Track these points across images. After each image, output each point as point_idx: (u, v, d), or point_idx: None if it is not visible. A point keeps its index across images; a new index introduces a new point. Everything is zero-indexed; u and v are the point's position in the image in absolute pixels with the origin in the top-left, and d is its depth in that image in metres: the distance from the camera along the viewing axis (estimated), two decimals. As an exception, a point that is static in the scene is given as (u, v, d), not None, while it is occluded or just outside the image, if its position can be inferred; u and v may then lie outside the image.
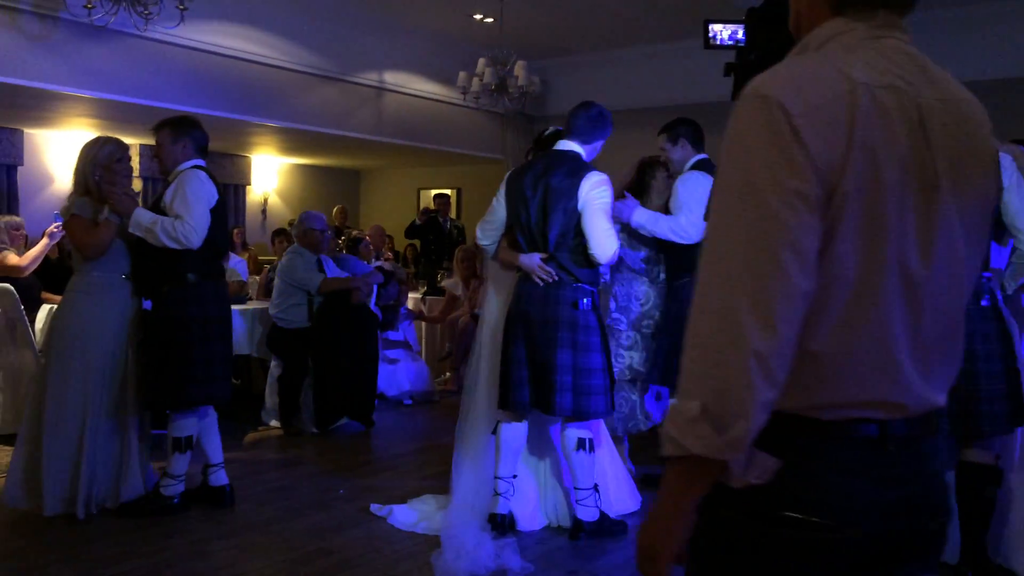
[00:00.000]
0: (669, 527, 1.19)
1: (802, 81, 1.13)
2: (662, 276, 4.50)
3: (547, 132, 4.12)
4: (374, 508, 4.02)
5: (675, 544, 1.19)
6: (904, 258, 1.15)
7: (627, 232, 4.43)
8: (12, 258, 5.56)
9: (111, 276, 3.92)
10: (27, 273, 5.55)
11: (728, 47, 1.49)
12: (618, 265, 4.40)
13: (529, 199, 3.68)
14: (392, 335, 6.90)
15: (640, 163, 5.02)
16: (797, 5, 1.30)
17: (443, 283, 8.00)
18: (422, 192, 12.91)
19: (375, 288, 6.35)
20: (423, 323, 7.84)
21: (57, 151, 9.91)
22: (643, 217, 4.29)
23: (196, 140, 3.99)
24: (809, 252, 1.10)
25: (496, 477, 3.76)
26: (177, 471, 3.98)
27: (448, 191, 11.42)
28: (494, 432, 3.79)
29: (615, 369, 4.35)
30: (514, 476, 3.78)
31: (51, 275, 6.50)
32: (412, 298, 7.92)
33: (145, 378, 3.90)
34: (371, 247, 7.73)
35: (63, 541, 3.63)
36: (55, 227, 5.54)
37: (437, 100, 10.00)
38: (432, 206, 10.21)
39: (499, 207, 3.85)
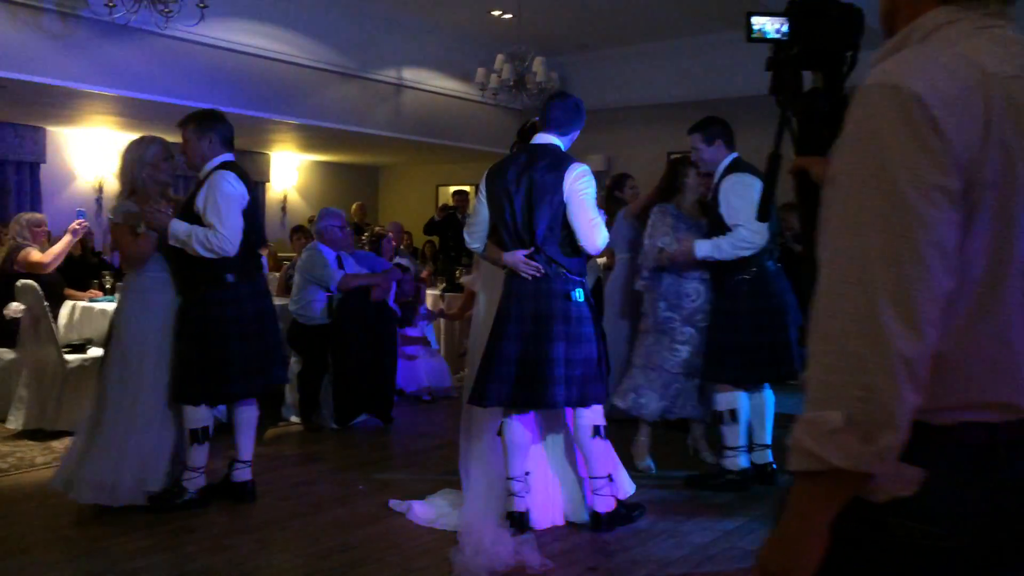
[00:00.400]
0: (802, 549, 1.10)
1: (933, 70, 1.07)
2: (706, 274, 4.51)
3: (528, 124, 4.10)
4: (393, 504, 4.03)
5: (810, 568, 1.11)
6: None
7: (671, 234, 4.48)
8: (35, 255, 5.62)
9: (160, 275, 3.98)
10: (50, 270, 5.61)
11: (771, 41, 1.48)
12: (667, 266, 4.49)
13: (513, 194, 3.63)
14: (410, 331, 6.91)
15: (671, 163, 5.02)
16: None
17: (462, 279, 8.01)
18: (441, 188, 12.93)
19: (393, 285, 6.36)
20: (442, 320, 7.85)
21: (79, 149, 10.00)
22: (706, 249, 4.27)
23: (221, 134, 3.99)
24: (951, 249, 1.05)
25: (508, 477, 3.73)
26: (196, 463, 3.99)
27: (467, 188, 11.42)
28: (499, 433, 3.77)
29: (671, 363, 4.48)
30: (527, 473, 3.77)
31: (74, 272, 6.57)
32: (431, 295, 7.93)
33: (178, 374, 3.92)
34: (393, 244, 7.75)
35: (86, 535, 3.67)
36: (77, 224, 5.59)
37: (456, 96, 10.01)
38: (451, 202, 10.22)
39: (481, 207, 3.79)
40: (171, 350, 3.95)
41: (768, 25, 1.63)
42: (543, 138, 3.73)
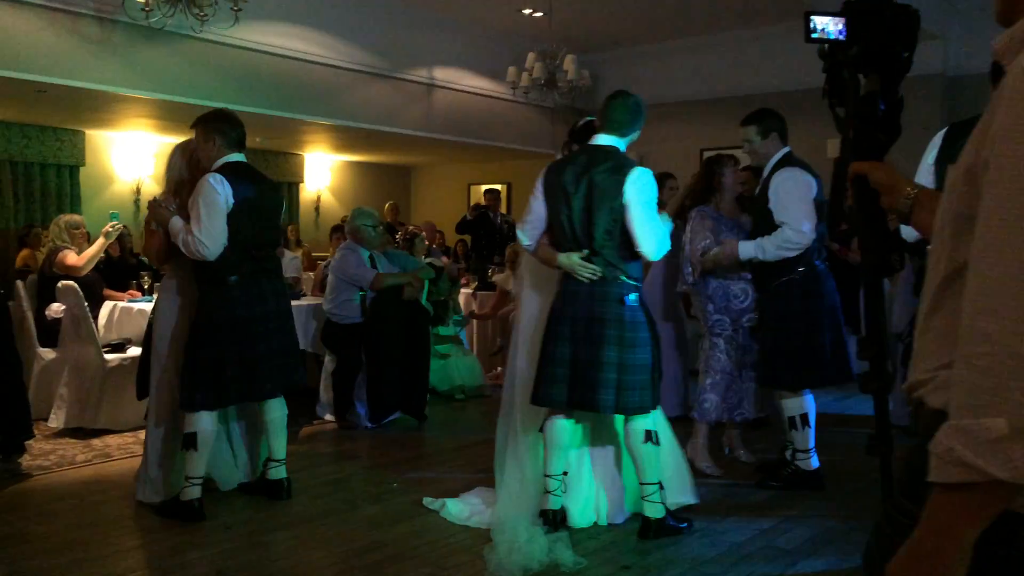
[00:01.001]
0: (944, 567, 1.02)
1: None
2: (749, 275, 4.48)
3: (580, 124, 4.05)
4: (427, 502, 4.05)
5: None
6: None
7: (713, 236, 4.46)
8: (71, 257, 5.71)
9: (189, 275, 4.02)
10: (83, 272, 5.68)
11: (830, 41, 1.45)
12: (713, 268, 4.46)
13: (571, 196, 3.60)
14: (443, 330, 6.93)
15: (707, 162, 4.97)
16: None
17: (494, 278, 8.01)
18: (472, 187, 12.94)
19: (426, 283, 6.38)
20: (472, 325, 7.87)
21: (118, 151, 10.16)
22: (749, 251, 4.22)
23: (226, 134, 3.94)
24: None
25: (546, 475, 3.74)
26: (191, 472, 3.86)
27: (498, 186, 11.42)
28: (541, 430, 3.77)
29: (725, 365, 4.48)
30: (564, 473, 3.76)
31: (113, 272, 6.68)
32: (463, 293, 7.94)
33: (180, 378, 3.91)
34: (426, 242, 7.78)
35: (126, 531, 3.73)
36: (110, 226, 5.66)
37: (487, 95, 10.02)
38: (483, 201, 10.23)
39: (537, 204, 3.76)
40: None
41: (831, 25, 1.58)
42: (602, 139, 3.67)
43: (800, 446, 4.31)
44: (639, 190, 3.52)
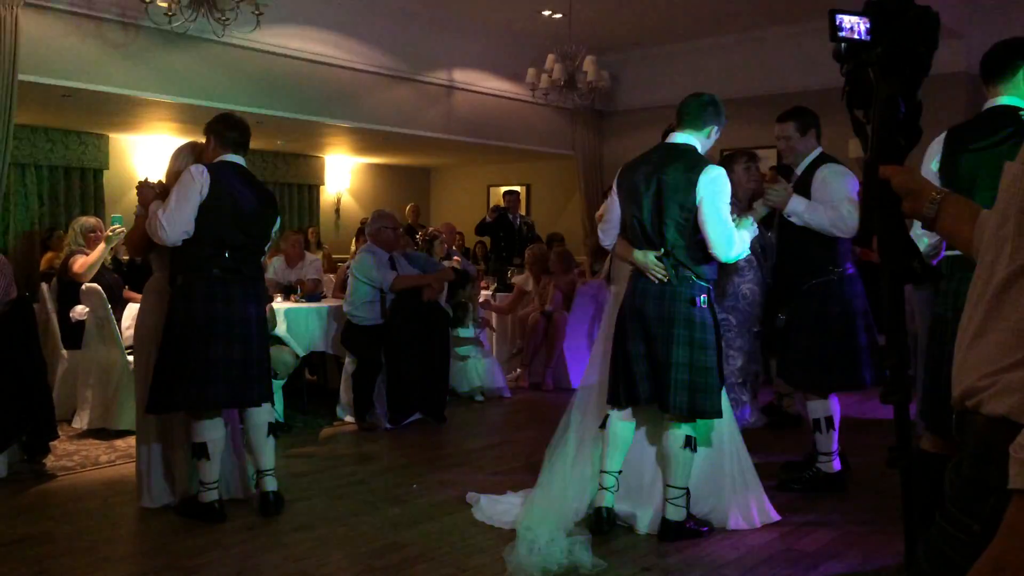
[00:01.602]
0: None
1: None
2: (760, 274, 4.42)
3: (669, 126, 3.96)
4: (470, 497, 4.08)
5: None
6: None
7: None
8: (77, 263, 5.67)
9: (166, 273, 3.98)
10: (87, 279, 5.62)
11: (855, 41, 1.43)
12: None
13: (642, 195, 3.57)
14: (462, 332, 6.94)
15: (722, 159, 4.94)
16: None
17: (514, 279, 8.02)
18: (492, 189, 12.97)
19: (446, 285, 6.40)
20: (493, 319, 7.87)
21: (141, 155, 10.26)
22: (800, 206, 4.08)
23: (221, 136, 3.91)
24: None
25: (602, 471, 3.72)
26: (204, 478, 3.83)
27: (518, 187, 11.44)
28: (602, 427, 3.76)
29: (726, 370, 4.32)
30: (619, 472, 3.75)
31: (135, 274, 6.73)
32: (483, 295, 7.96)
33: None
34: (445, 244, 7.80)
35: (149, 531, 3.76)
36: (111, 230, 5.68)
37: (506, 97, 10.03)
38: (502, 203, 10.24)
39: (613, 204, 3.73)
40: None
41: (859, 24, 1.56)
42: (678, 137, 3.63)
43: (823, 449, 4.28)
44: (711, 190, 3.45)
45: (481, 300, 7.49)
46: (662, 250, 3.55)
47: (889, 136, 1.53)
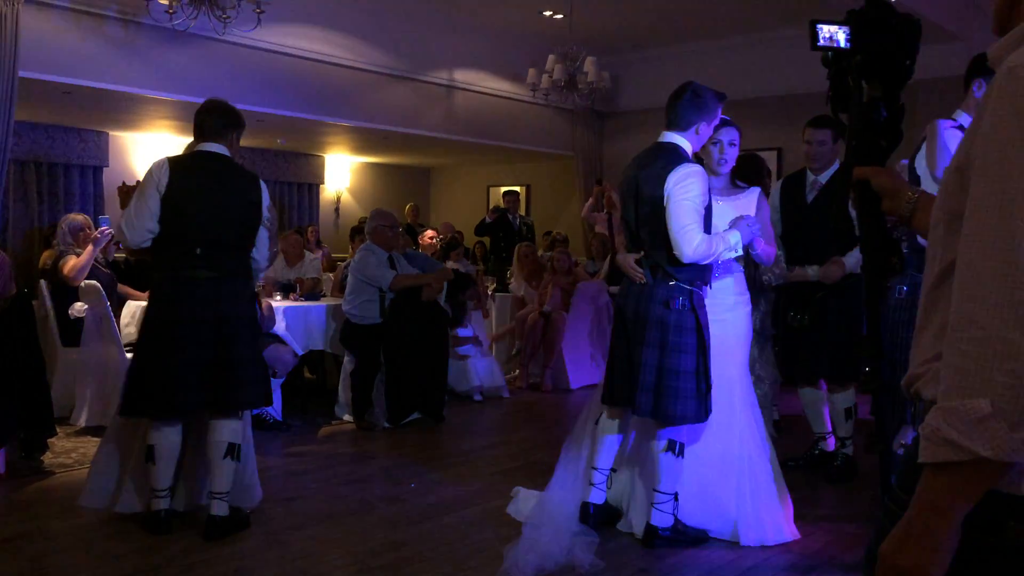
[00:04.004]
0: (938, 544, 1.07)
1: None
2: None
3: None
4: (518, 490, 4.09)
5: (945, 564, 1.08)
6: None
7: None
8: (67, 267, 5.58)
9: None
10: (78, 282, 5.56)
11: (835, 49, 1.46)
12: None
13: (626, 195, 3.60)
14: (461, 331, 6.94)
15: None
16: None
17: (510, 285, 8.03)
18: (492, 189, 12.97)
19: (445, 285, 6.40)
20: (492, 318, 7.87)
21: (141, 153, 10.25)
22: (851, 260, 4.28)
23: (197, 124, 3.75)
24: None
25: (592, 467, 3.73)
26: (153, 484, 3.61)
27: (518, 188, 11.44)
28: (598, 423, 3.78)
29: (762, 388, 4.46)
30: (613, 470, 3.75)
31: (135, 272, 6.72)
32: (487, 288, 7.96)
33: None
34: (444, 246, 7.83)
35: (146, 529, 3.75)
36: (99, 232, 5.64)
37: (507, 97, 10.03)
38: (501, 202, 10.24)
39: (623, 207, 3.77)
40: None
41: (840, 35, 1.63)
42: (665, 136, 3.59)
43: (846, 434, 4.53)
44: (676, 187, 3.39)
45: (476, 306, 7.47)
46: (642, 252, 3.56)
47: (871, 139, 1.58)
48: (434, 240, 8.62)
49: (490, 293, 8.05)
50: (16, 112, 6.15)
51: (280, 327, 5.74)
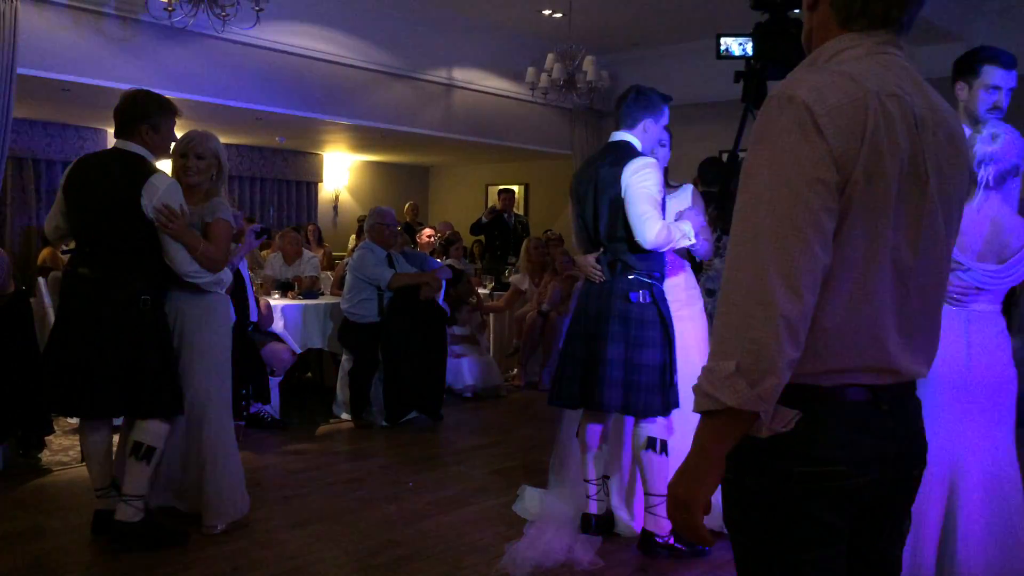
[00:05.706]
0: (702, 477, 1.31)
1: (823, 86, 1.30)
2: None
3: None
4: (521, 490, 4.10)
5: (707, 493, 1.32)
6: (898, 243, 1.34)
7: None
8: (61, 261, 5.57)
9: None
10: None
11: (738, 58, 1.53)
12: (711, 262, 4.24)
13: (583, 195, 3.59)
14: (459, 330, 6.94)
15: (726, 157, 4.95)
16: (810, 22, 1.46)
17: (510, 279, 8.02)
18: (490, 188, 12.96)
19: (444, 283, 6.40)
20: (491, 318, 7.87)
21: (139, 150, 10.22)
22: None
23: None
24: (828, 231, 1.27)
25: (584, 480, 3.70)
26: (91, 482, 3.62)
27: (514, 187, 11.43)
28: (578, 435, 3.74)
29: None
30: (606, 477, 3.72)
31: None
32: (480, 293, 7.96)
33: None
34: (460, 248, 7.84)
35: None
36: None
37: (505, 96, 10.02)
38: (497, 202, 10.24)
39: (573, 213, 3.74)
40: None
41: (734, 45, 1.81)
42: (615, 136, 3.63)
43: None
44: (633, 179, 3.41)
45: (476, 301, 7.48)
46: (601, 249, 3.54)
47: None
48: (432, 239, 8.62)
49: (488, 290, 8.05)
50: (14, 109, 6.14)
51: (278, 325, 5.74)
